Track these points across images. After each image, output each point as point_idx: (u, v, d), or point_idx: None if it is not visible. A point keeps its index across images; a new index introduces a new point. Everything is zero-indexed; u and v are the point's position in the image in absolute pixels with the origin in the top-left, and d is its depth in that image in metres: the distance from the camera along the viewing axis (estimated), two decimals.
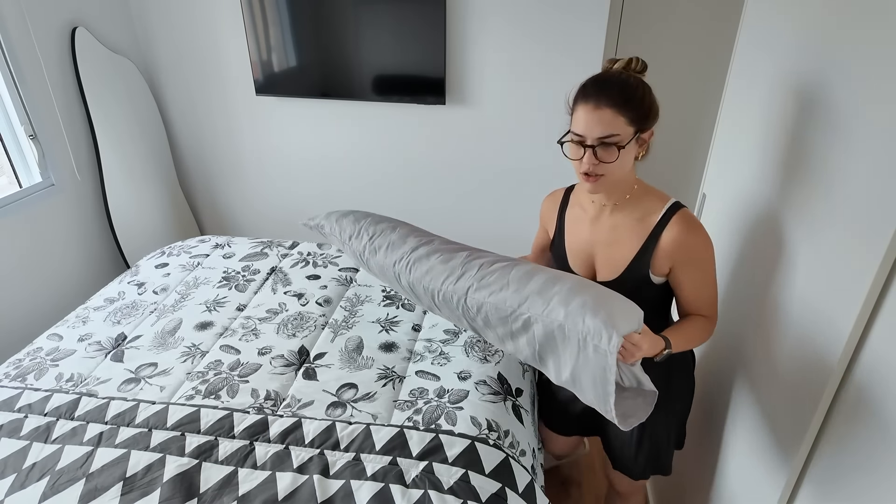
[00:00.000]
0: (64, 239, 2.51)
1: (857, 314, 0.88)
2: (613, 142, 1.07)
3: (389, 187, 2.96)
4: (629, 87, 1.08)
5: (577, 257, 1.32)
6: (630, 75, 1.11)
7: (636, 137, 1.10)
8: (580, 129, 1.10)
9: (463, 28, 2.49)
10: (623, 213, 1.22)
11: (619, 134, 1.07)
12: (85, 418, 1.43)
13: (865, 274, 0.86)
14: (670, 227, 1.16)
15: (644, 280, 1.21)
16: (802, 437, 1.02)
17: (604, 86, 1.08)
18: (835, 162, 0.99)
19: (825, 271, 1.00)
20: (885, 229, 0.82)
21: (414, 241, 1.39)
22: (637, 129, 1.09)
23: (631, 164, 1.14)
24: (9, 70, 2.20)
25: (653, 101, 1.12)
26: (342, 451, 1.33)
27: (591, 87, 1.09)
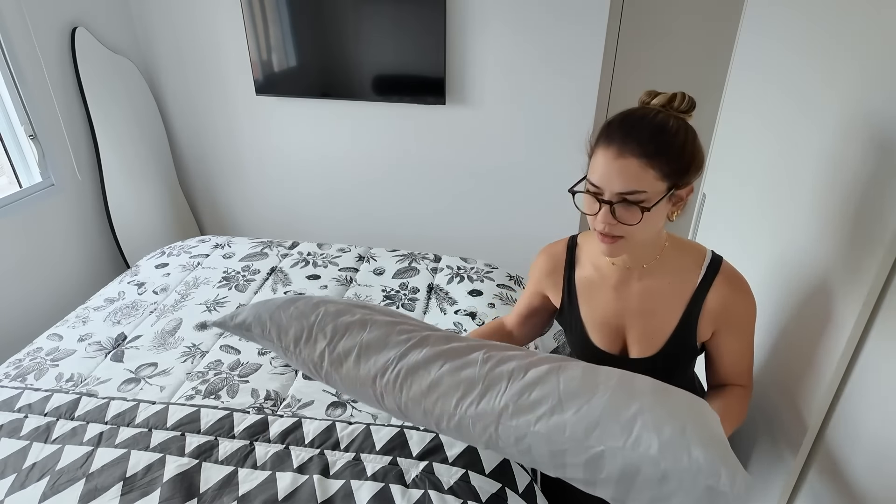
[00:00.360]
0: (64, 239, 2.51)
1: (857, 313, 0.88)
2: (637, 200, 0.86)
3: (389, 187, 2.96)
4: (667, 132, 0.86)
5: (600, 331, 1.10)
6: (670, 115, 0.88)
7: (670, 195, 0.88)
8: (597, 180, 0.89)
9: (463, 28, 2.49)
10: (655, 277, 1.02)
11: (645, 191, 0.85)
12: (85, 418, 1.43)
13: (865, 274, 0.86)
14: (716, 288, 0.99)
15: (690, 351, 1.05)
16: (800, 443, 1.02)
17: (633, 128, 0.86)
18: (835, 161, 0.99)
19: (826, 272, 1.00)
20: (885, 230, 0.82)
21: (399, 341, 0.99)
22: (671, 184, 0.87)
23: (661, 225, 0.93)
24: (9, 70, 2.19)
25: (696, 151, 0.89)
26: (342, 451, 1.32)
27: (617, 129, 0.88)
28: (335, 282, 2.07)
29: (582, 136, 3.00)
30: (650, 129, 0.86)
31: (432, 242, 3.00)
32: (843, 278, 0.93)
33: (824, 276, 1.00)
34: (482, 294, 1.98)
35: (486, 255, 2.79)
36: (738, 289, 1.00)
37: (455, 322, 1.83)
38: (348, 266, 2.18)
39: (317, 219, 3.14)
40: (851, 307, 0.89)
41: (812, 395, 1.00)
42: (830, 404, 0.97)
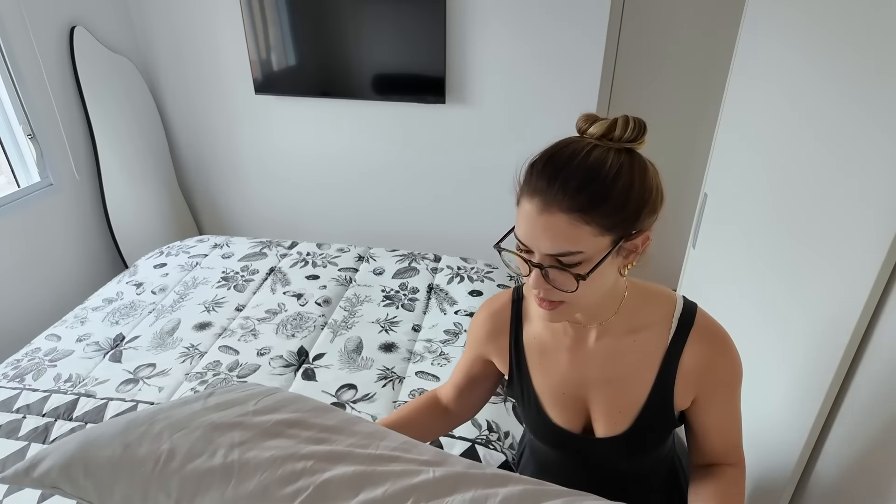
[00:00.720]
0: (62, 239, 2.50)
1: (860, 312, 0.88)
2: (573, 262, 0.69)
3: (389, 186, 2.95)
4: (601, 177, 0.67)
5: (557, 405, 0.90)
6: (609, 150, 0.69)
7: (617, 249, 0.71)
8: (523, 237, 0.72)
9: (463, 26, 2.49)
10: (617, 335, 0.84)
11: (581, 251, 0.69)
12: (83, 419, 1.42)
13: (868, 275, 0.86)
14: (693, 344, 0.82)
15: (668, 423, 0.87)
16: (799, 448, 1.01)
17: (559, 173, 0.68)
18: (835, 161, 0.98)
19: (826, 271, 0.99)
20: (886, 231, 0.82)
21: (284, 497, 0.66)
22: (617, 237, 0.70)
23: (611, 282, 0.76)
24: (7, 69, 2.19)
25: (647, 191, 0.71)
26: None
27: (541, 174, 0.70)
28: (335, 282, 2.06)
29: None
30: (580, 174, 0.67)
31: (432, 242, 3.00)
32: (842, 280, 0.93)
33: (824, 277, 1.00)
34: (482, 294, 1.97)
35: (487, 255, 2.79)
36: (719, 343, 0.83)
37: (455, 322, 1.82)
38: (348, 266, 2.17)
39: (316, 218, 3.14)
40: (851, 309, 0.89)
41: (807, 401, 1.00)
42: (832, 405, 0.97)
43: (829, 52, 1.04)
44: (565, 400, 0.89)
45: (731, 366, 0.84)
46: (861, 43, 0.94)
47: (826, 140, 1.03)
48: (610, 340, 0.85)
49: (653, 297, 0.85)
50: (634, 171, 0.70)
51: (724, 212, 1.54)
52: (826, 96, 1.04)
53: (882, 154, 0.85)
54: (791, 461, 1.06)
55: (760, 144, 1.33)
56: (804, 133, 1.11)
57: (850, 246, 0.93)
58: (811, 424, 1.00)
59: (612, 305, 0.82)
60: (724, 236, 1.52)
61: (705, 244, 1.67)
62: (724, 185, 1.56)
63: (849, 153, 0.95)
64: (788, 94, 1.20)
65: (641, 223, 0.72)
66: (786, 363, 1.13)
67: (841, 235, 0.96)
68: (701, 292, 1.69)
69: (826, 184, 1.01)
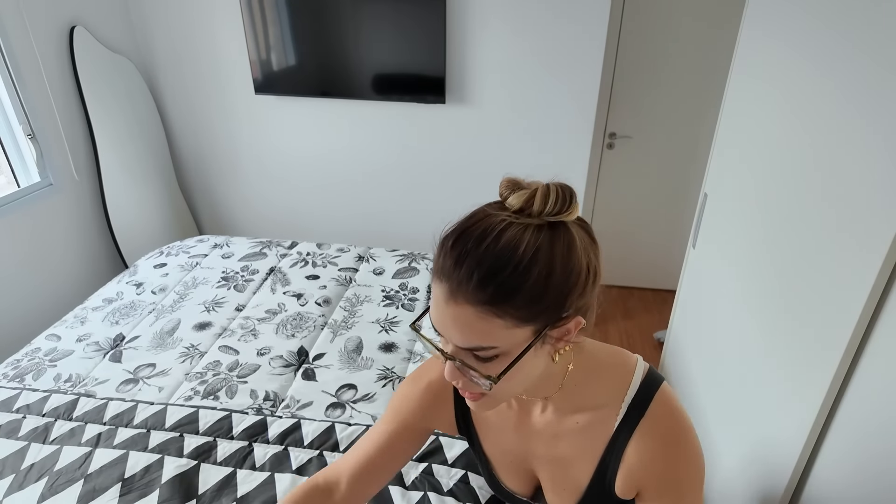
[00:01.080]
0: (62, 239, 2.50)
1: (859, 312, 0.88)
2: (488, 357, 0.61)
3: (389, 186, 2.95)
4: (511, 264, 0.57)
5: (508, 471, 0.87)
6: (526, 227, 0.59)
7: (542, 337, 0.62)
8: (434, 323, 0.64)
9: (463, 26, 2.49)
10: (561, 412, 0.76)
11: (495, 346, 0.60)
12: (83, 419, 1.42)
13: (868, 275, 0.86)
14: (640, 437, 0.71)
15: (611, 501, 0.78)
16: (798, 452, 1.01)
17: (467, 258, 0.58)
18: (836, 161, 0.98)
19: (826, 271, 0.99)
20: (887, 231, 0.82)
21: None
22: (540, 327, 0.61)
23: (539, 371, 0.67)
24: (7, 69, 2.19)
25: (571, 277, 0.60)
26: (342, 452, 1.32)
27: (448, 256, 0.60)
28: (334, 282, 2.06)
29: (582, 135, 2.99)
30: (488, 262, 0.57)
31: (432, 242, 3.00)
32: (843, 280, 0.93)
33: (824, 277, 1.00)
34: None
35: None
36: (670, 443, 0.71)
37: None
38: (347, 266, 2.18)
39: (316, 218, 3.14)
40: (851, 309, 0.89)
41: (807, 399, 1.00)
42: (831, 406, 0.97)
43: (830, 50, 1.04)
44: (514, 468, 0.85)
45: (683, 470, 0.71)
46: (862, 40, 0.94)
47: (827, 139, 1.03)
48: (554, 419, 0.77)
49: (604, 372, 0.74)
50: (555, 252, 0.59)
51: (725, 212, 1.54)
52: (827, 96, 1.04)
53: (883, 154, 0.85)
54: (790, 462, 1.06)
55: (761, 144, 1.33)
56: (805, 133, 1.11)
57: (850, 246, 0.93)
58: (811, 425, 1.00)
59: (555, 382, 0.72)
60: (724, 236, 1.52)
61: (705, 244, 1.67)
62: (724, 186, 1.56)
63: (849, 152, 0.95)
64: (789, 93, 1.20)
65: (569, 308, 0.61)
66: (785, 363, 1.13)
67: (841, 235, 0.96)
68: (701, 292, 1.69)
69: (826, 183, 1.01)
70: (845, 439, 0.94)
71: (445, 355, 0.64)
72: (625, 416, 0.72)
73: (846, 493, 0.92)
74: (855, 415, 0.92)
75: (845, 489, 0.92)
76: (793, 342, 1.10)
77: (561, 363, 0.70)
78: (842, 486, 0.93)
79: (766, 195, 1.27)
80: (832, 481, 0.96)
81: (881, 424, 0.84)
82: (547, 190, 0.61)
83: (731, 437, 1.39)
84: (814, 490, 1.02)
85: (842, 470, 0.94)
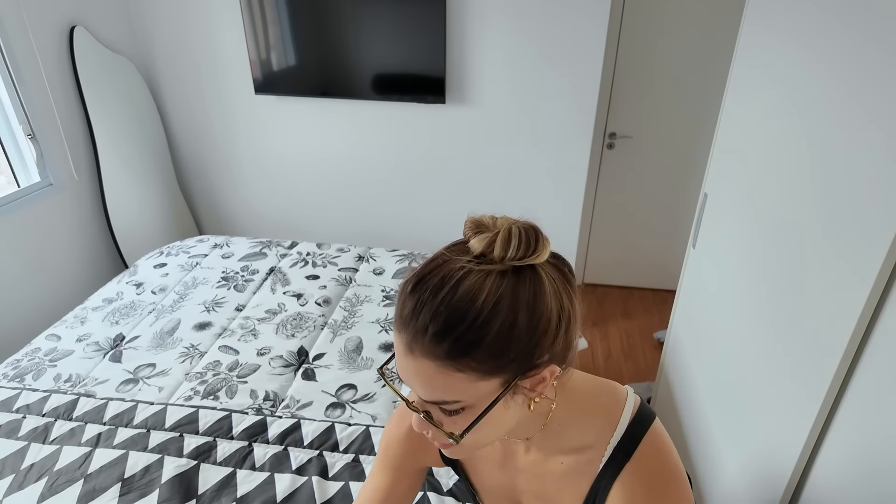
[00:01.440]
0: (62, 239, 2.50)
1: (860, 311, 0.88)
2: (454, 410, 0.58)
3: (389, 186, 2.95)
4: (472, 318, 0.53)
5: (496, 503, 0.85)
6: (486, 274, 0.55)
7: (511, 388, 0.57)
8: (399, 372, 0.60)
9: (463, 26, 2.49)
10: (544, 452, 0.73)
11: (459, 401, 0.57)
12: (83, 419, 1.42)
13: (869, 274, 0.85)
14: (624, 482, 0.67)
15: None
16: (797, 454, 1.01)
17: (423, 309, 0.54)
18: (837, 160, 0.98)
19: (827, 271, 0.99)
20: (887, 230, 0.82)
21: None
22: (509, 377, 0.57)
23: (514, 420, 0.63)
24: (7, 69, 2.19)
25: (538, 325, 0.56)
26: (341, 452, 1.32)
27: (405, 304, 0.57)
28: (334, 282, 2.06)
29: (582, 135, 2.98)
30: (444, 315, 0.53)
31: (432, 242, 3.00)
32: (843, 279, 0.93)
33: (825, 277, 0.99)
34: None
35: None
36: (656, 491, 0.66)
37: None
38: (347, 266, 2.17)
39: (316, 218, 3.14)
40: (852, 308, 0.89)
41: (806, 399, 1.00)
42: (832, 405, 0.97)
43: (832, 46, 1.04)
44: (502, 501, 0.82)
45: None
46: (866, 29, 0.94)
47: (829, 138, 1.03)
48: (538, 458, 0.73)
49: (591, 410, 0.70)
50: (519, 301, 0.54)
51: (725, 212, 1.54)
52: (829, 93, 1.04)
53: (884, 153, 0.85)
54: (790, 462, 1.06)
55: (761, 144, 1.33)
56: (806, 132, 1.11)
57: (851, 245, 0.93)
58: (811, 425, 1.00)
59: (536, 423, 0.68)
60: (724, 236, 1.52)
61: (705, 244, 1.67)
62: (724, 185, 1.56)
63: (850, 152, 0.95)
64: (790, 92, 1.20)
65: (540, 356, 0.57)
66: (785, 363, 1.13)
67: (842, 235, 0.95)
68: (701, 292, 1.69)
69: (827, 183, 1.01)
70: (845, 440, 0.94)
71: (411, 406, 0.61)
72: (610, 458, 0.67)
73: (846, 493, 0.92)
74: (855, 415, 0.92)
75: (845, 490, 0.92)
76: (793, 342, 1.10)
77: (542, 404, 0.66)
78: (842, 487, 0.93)
79: (767, 195, 1.27)
80: (832, 482, 0.96)
81: (881, 425, 0.84)
82: (508, 234, 0.55)
83: (730, 436, 1.39)
84: (814, 490, 1.02)
85: (842, 471, 0.94)
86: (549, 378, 0.59)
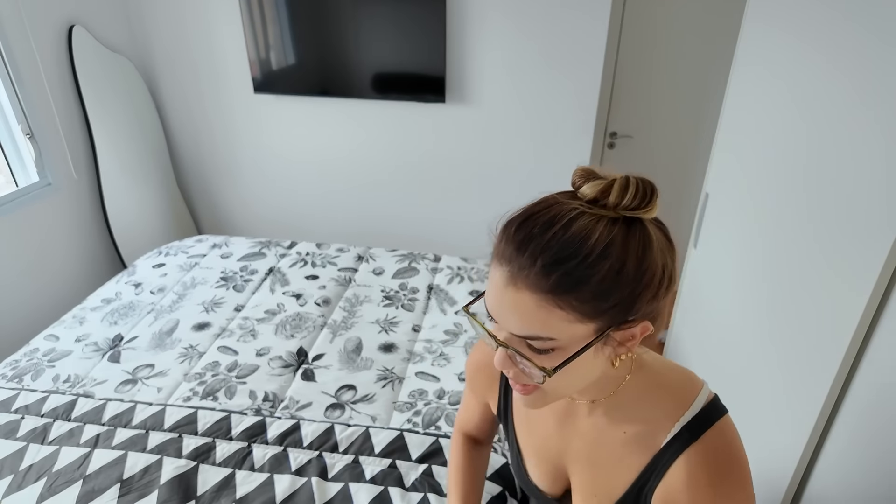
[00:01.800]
0: (61, 239, 2.50)
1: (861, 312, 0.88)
2: (544, 349, 0.58)
3: (389, 186, 2.95)
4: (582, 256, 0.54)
5: (538, 467, 0.82)
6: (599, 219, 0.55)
7: (603, 338, 0.58)
8: (490, 307, 0.61)
9: (463, 25, 2.48)
10: (609, 418, 0.71)
11: (553, 339, 0.57)
12: (82, 419, 1.42)
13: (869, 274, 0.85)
14: (685, 463, 0.65)
15: None
16: None
17: (531, 243, 0.55)
18: (838, 161, 0.98)
19: (827, 271, 0.99)
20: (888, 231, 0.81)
21: None
22: (603, 326, 0.57)
23: (596, 374, 0.64)
24: (6, 69, 2.18)
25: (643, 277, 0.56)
26: (341, 453, 1.32)
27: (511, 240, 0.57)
28: (334, 282, 2.06)
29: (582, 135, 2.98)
30: (554, 249, 0.54)
31: (432, 242, 3.00)
32: (844, 279, 0.93)
33: (825, 277, 0.99)
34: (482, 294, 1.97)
35: (487, 255, 2.78)
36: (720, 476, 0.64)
37: (455, 322, 1.82)
38: (347, 266, 2.17)
39: (315, 218, 3.13)
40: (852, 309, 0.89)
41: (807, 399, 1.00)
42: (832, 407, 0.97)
43: (833, 45, 1.04)
44: (545, 465, 0.81)
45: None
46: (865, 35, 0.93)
47: (828, 139, 1.02)
48: (601, 423, 0.72)
49: (663, 390, 0.69)
50: (629, 249, 0.55)
51: (726, 211, 1.53)
52: (829, 94, 1.03)
53: (885, 152, 0.85)
54: (791, 463, 1.05)
55: (763, 143, 1.32)
56: (807, 131, 1.11)
57: (852, 245, 0.92)
58: (812, 426, 0.99)
59: (607, 387, 0.69)
60: (725, 236, 1.52)
61: (706, 244, 1.67)
62: (725, 185, 1.56)
63: (851, 152, 0.95)
64: (790, 92, 1.19)
65: (637, 311, 0.57)
66: (786, 363, 1.12)
67: (844, 234, 0.95)
68: (702, 292, 1.69)
69: (828, 182, 1.01)
70: (846, 440, 0.94)
71: (498, 342, 0.60)
72: (676, 435, 0.66)
73: (846, 494, 0.91)
74: (855, 416, 0.91)
75: (846, 491, 0.92)
76: (793, 342, 1.10)
77: (619, 370, 0.67)
78: (842, 488, 0.93)
79: (768, 195, 1.27)
80: (833, 482, 0.96)
81: (881, 427, 0.84)
82: (626, 182, 0.57)
83: None
84: (814, 491, 1.02)
85: (842, 471, 0.94)
86: (639, 336, 0.60)
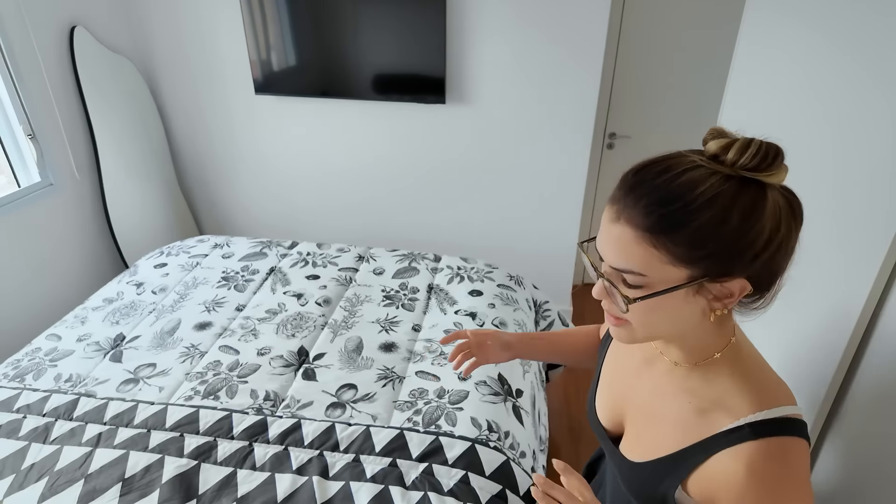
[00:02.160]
0: (63, 239, 2.50)
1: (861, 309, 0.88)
2: (636, 283, 0.62)
3: (389, 186, 2.95)
4: (683, 200, 0.58)
5: (604, 403, 0.86)
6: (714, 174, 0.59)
7: (696, 286, 0.61)
8: (597, 241, 0.67)
9: (463, 26, 2.49)
10: (681, 384, 0.72)
11: (644, 275, 0.61)
12: (84, 419, 1.42)
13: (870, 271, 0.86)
14: (732, 455, 0.63)
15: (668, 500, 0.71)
16: None
17: (641, 185, 0.61)
18: (840, 159, 0.98)
19: (827, 269, 0.99)
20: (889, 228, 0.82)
21: None
22: (697, 274, 0.60)
23: (686, 322, 0.65)
24: (7, 69, 2.19)
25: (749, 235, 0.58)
26: (342, 452, 1.32)
27: (623, 183, 0.63)
28: (335, 282, 2.06)
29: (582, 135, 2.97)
30: (662, 191, 0.59)
31: (432, 242, 3.00)
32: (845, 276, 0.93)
33: (825, 275, 0.99)
34: (482, 294, 1.97)
35: (487, 255, 2.79)
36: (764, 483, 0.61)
37: (455, 322, 1.82)
38: (348, 266, 2.17)
39: (316, 218, 3.14)
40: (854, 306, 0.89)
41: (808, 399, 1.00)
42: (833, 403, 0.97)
43: (832, 42, 1.04)
44: (610, 403, 0.84)
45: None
46: (866, 33, 0.94)
47: (828, 138, 1.03)
48: (673, 385, 0.73)
49: (748, 384, 0.66)
50: (737, 204, 0.57)
51: None
52: (829, 94, 1.04)
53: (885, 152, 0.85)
54: None
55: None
56: (806, 132, 1.11)
57: (852, 245, 0.93)
58: (811, 425, 1.00)
59: (694, 354, 0.70)
60: None
61: None
62: None
63: (851, 152, 0.95)
64: (790, 92, 1.20)
65: (735, 269, 0.59)
66: (786, 363, 1.13)
67: (844, 234, 0.96)
68: None
69: (828, 180, 1.01)
70: (848, 441, 0.94)
71: (597, 272, 0.66)
72: (737, 427, 0.63)
73: (846, 494, 0.92)
74: (855, 417, 0.92)
75: (845, 490, 0.92)
76: (793, 342, 1.10)
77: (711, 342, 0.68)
78: (841, 488, 0.93)
79: None
80: (832, 482, 0.96)
81: (881, 426, 0.84)
82: (748, 142, 0.60)
83: None
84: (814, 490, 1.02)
85: (841, 471, 0.94)
86: (737, 294, 0.61)
